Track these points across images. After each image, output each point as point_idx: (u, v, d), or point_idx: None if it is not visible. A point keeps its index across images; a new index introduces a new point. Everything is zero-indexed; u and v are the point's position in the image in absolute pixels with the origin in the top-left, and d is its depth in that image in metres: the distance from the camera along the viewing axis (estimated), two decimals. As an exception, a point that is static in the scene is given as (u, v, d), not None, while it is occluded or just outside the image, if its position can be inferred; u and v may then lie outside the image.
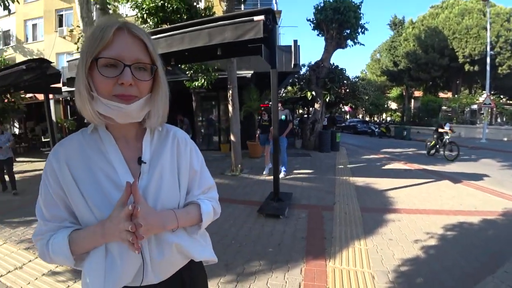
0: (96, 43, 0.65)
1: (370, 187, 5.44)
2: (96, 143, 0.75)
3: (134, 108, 0.69)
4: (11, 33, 20.07)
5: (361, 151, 11.22)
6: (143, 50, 0.70)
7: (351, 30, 10.64)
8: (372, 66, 33.33)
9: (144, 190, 0.75)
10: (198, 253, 0.87)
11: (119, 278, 0.73)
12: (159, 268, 0.77)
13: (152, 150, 0.80)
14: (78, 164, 0.72)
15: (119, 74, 0.66)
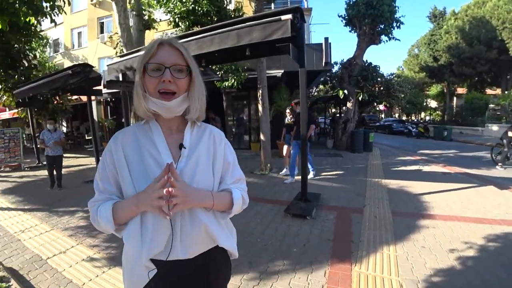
0: (146, 55, 0.89)
1: (404, 190, 5.17)
2: (147, 132, 0.95)
3: (174, 104, 0.88)
4: (60, 41, 22.01)
5: (395, 152, 10.68)
6: (180, 56, 0.90)
7: (385, 25, 10.15)
8: (410, 62, 31.39)
9: (181, 171, 0.90)
10: (223, 239, 0.99)
11: (152, 244, 0.87)
12: (186, 243, 0.90)
13: (191, 140, 0.97)
14: (130, 147, 0.92)
15: (161, 74, 0.87)
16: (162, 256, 0.89)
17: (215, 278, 1.01)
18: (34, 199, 5.55)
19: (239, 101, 12.13)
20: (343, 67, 11.33)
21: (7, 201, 5.53)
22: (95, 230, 3.79)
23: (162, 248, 0.88)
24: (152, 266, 0.90)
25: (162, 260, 0.89)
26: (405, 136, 19.08)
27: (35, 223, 4.23)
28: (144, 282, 0.91)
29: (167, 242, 0.88)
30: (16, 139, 9.38)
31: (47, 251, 3.26)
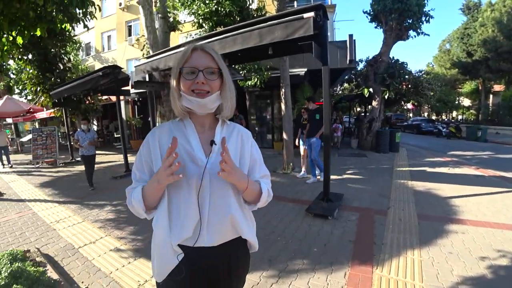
0: (181, 60, 0.98)
1: (431, 193, 4.94)
2: (181, 128, 1.05)
3: (207, 101, 0.97)
4: (91, 45, 23.22)
5: (424, 153, 10.21)
6: (211, 60, 0.99)
7: (413, 19, 9.67)
8: (441, 58, 29.74)
9: (212, 165, 0.98)
10: (246, 231, 1.08)
11: (182, 230, 0.97)
12: (212, 231, 0.99)
13: (222, 137, 1.02)
14: (166, 141, 1.00)
15: (195, 77, 0.96)
16: (189, 242, 0.97)
17: (236, 267, 1.08)
18: (67, 193, 5.93)
19: (262, 100, 12.15)
20: (368, 65, 11.00)
21: (44, 194, 5.96)
22: (123, 222, 4.02)
23: (191, 233, 0.97)
24: (180, 251, 0.98)
25: (189, 246, 0.97)
26: (434, 136, 18.18)
27: (69, 214, 4.53)
28: (173, 265, 0.98)
29: (195, 228, 0.97)
30: (53, 136, 10.04)
31: (79, 240, 3.49)
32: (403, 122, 24.39)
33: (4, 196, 6.00)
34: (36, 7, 1.81)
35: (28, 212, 4.76)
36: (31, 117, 14.93)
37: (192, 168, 0.97)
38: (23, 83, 11.50)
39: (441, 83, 19.78)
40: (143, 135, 14.04)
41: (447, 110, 31.21)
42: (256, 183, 1.07)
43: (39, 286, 2.27)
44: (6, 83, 17.50)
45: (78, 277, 2.66)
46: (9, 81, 17.25)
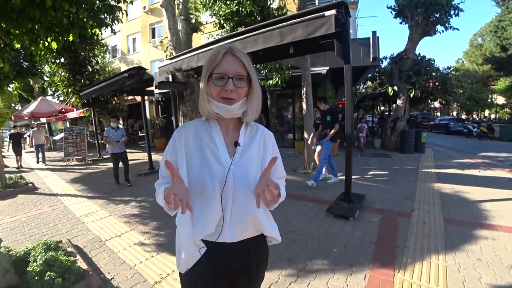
0: (211, 64, 0.99)
1: (459, 196, 4.71)
2: (207, 129, 1.08)
3: (234, 107, 1.00)
4: (117, 47, 24.18)
5: (452, 154, 9.73)
6: (241, 66, 1.00)
7: (441, 13, 9.19)
8: (472, 54, 28.17)
9: (235, 165, 1.03)
10: (268, 228, 1.12)
11: (205, 226, 1.01)
12: (234, 229, 1.03)
13: (245, 138, 1.10)
14: (192, 139, 1.06)
15: (225, 83, 0.97)
16: (212, 237, 1.02)
17: (256, 262, 1.12)
18: (95, 188, 6.24)
19: (283, 99, 12.11)
20: (392, 62, 10.63)
21: (74, 189, 6.31)
22: (147, 218, 4.18)
23: (213, 230, 1.01)
24: (202, 245, 1.03)
25: (211, 241, 1.02)
26: (464, 136, 17.22)
27: (96, 209, 4.77)
28: (195, 259, 1.03)
29: (218, 225, 1.01)
30: (82, 135, 10.60)
31: (106, 234, 3.68)
32: (429, 121, 23.32)
33: (39, 190, 6.43)
34: (69, 14, 1.95)
35: (60, 206, 5.07)
36: (62, 116, 15.83)
37: (216, 168, 1.01)
38: (55, 85, 12.21)
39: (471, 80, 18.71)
40: (166, 134, 14.47)
41: (479, 108, 29.46)
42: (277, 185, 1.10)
43: (70, 274, 2.42)
44: (41, 85, 18.66)
45: (105, 268, 2.81)
46: (43, 83, 18.38)
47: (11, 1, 1.61)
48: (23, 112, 13.71)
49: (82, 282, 2.41)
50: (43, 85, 18.71)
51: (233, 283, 1.10)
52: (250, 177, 1.03)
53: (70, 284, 2.35)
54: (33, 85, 19.10)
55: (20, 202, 5.46)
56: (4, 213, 4.82)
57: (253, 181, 1.01)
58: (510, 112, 25.43)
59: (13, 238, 3.70)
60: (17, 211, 4.91)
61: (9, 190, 6.22)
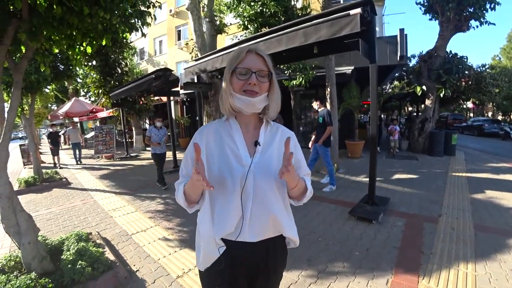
0: (235, 61, 1.02)
1: (493, 202, 4.43)
2: (227, 128, 1.10)
3: (257, 100, 1.01)
4: (145, 49, 25.14)
5: (485, 157, 9.15)
6: (263, 63, 1.03)
7: (475, 7, 8.63)
8: (510, 50, 26.37)
9: (255, 165, 1.03)
10: (287, 229, 1.11)
11: (225, 225, 1.02)
12: (254, 228, 1.03)
13: (266, 137, 1.10)
14: (213, 139, 1.07)
15: (248, 78, 1.01)
16: (232, 236, 1.03)
17: (274, 262, 1.12)
18: (123, 185, 6.54)
19: (307, 100, 11.96)
20: (421, 60, 10.17)
21: (103, 185, 6.66)
22: (171, 214, 4.33)
23: (232, 229, 1.02)
24: (222, 244, 1.04)
25: (231, 240, 1.03)
26: (500, 139, 16.14)
27: (123, 204, 5.00)
28: (215, 257, 1.05)
29: (237, 224, 1.02)
30: (111, 134, 11.13)
31: (132, 228, 3.85)
32: (461, 122, 22.07)
33: (71, 185, 6.85)
34: (104, 20, 2.09)
35: (90, 200, 5.38)
36: (93, 116, 16.72)
37: (236, 167, 1.02)
38: (88, 86, 12.94)
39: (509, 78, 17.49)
40: (190, 134, 14.83)
41: (517, 109, 27.44)
42: (302, 180, 1.09)
43: (99, 264, 2.57)
44: (74, 87, 19.87)
45: (131, 260, 2.96)
46: (77, 85, 19.56)
47: (53, 10, 1.76)
48: (58, 112, 14.64)
49: (110, 272, 2.55)
50: (76, 86, 19.90)
51: (251, 283, 1.11)
52: (270, 177, 1.02)
53: (99, 274, 2.49)
54: (67, 86, 20.36)
55: (55, 196, 5.85)
56: (41, 205, 5.19)
57: (273, 181, 1.03)
58: (553, 113, 23.46)
59: (48, 229, 3.99)
60: (52, 203, 5.27)
61: (45, 184, 6.68)
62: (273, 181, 1.03)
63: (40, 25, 2.00)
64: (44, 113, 16.52)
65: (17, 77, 2.26)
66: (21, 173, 9.20)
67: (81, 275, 2.38)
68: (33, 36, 2.03)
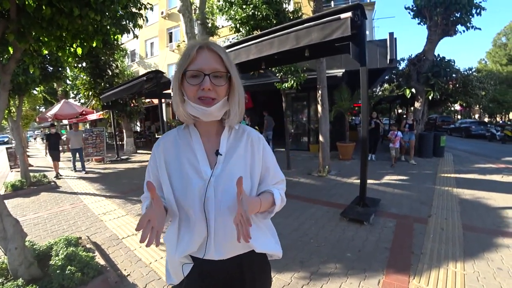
0: (185, 60, 0.87)
1: (480, 203, 4.54)
2: (186, 137, 0.98)
3: (214, 109, 0.88)
4: (136, 51, 24.94)
5: (473, 158, 9.37)
6: (219, 61, 0.88)
7: (461, 12, 8.90)
8: (495, 54, 27.10)
9: (217, 177, 0.92)
10: (259, 244, 0.99)
11: (188, 245, 0.93)
12: (220, 246, 0.93)
13: (228, 145, 0.97)
14: (171, 152, 0.96)
15: (201, 82, 0.86)
16: (198, 254, 0.94)
17: (252, 280, 1.01)
18: (114, 188, 6.45)
19: (299, 102, 12.06)
20: (410, 64, 10.39)
21: (93, 188, 6.55)
22: (162, 218, 4.28)
23: (195, 249, 0.93)
24: (186, 261, 0.97)
25: (199, 258, 0.95)
26: (486, 140, 16.56)
27: (114, 208, 4.93)
28: (179, 276, 0.98)
29: (202, 244, 0.92)
30: (101, 136, 10.97)
31: (123, 232, 3.80)
32: (449, 124, 22.57)
33: (60, 188, 6.71)
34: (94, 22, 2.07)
35: (80, 204, 5.28)
36: (83, 118, 16.41)
37: (196, 182, 0.90)
38: (77, 88, 12.74)
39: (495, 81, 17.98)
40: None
41: (503, 111, 28.24)
42: (269, 196, 0.97)
43: (89, 269, 2.52)
44: (63, 88, 19.52)
45: (122, 264, 2.91)
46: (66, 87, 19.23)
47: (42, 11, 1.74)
48: (47, 114, 14.33)
49: (100, 277, 2.51)
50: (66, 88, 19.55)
51: None
52: (234, 190, 0.86)
53: (89, 279, 2.45)
54: (56, 88, 19.99)
55: (43, 200, 5.72)
56: (28, 209, 5.07)
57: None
58: (537, 115, 24.22)
59: (36, 234, 3.89)
60: (40, 208, 5.16)
61: (33, 188, 6.53)
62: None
63: (28, 26, 1.97)
64: (32, 115, 16.15)
65: (5, 78, 2.21)
66: (8, 176, 8.98)
67: (70, 280, 2.33)
68: (22, 37, 1.99)
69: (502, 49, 25.75)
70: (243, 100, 0.97)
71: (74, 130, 9.15)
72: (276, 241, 1.09)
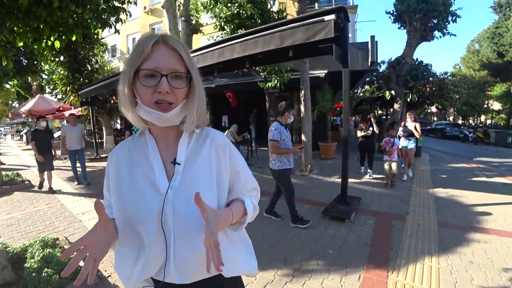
0: (137, 57, 0.73)
1: (454, 200, 4.78)
2: (141, 146, 0.86)
3: (171, 115, 0.76)
4: (117, 47, 24.25)
5: (447, 158, 9.83)
6: (179, 60, 0.76)
7: (438, 19, 9.38)
8: (469, 59, 28.43)
9: (175, 190, 0.79)
10: (228, 269, 0.78)
11: (144, 268, 0.81)
12: (182, 269, 0.80)
13: (188, 152, 0.84)
14: (124, 163, 0.84)
15: (157, 83, 0.73)
16: (159, 276, 0.81)
17: None
18: (92, 187, 6.24)
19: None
20: (390, 66, 10.77)
21: (71, 187, 6.31)
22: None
23: (153, 273, 0.81)
24: (144, 284, 0.85)
25: (159, 280, 0.82)
26: (460, 141, 17.43)
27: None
28: None
29: (161, 266, 0.80)
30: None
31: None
32: (426, 126, 23.54)
33: (35, 188, 6.41)
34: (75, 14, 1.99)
35: (57, 204, 5.07)
36: (60, 115, 15.76)
37: (151, 197, 0.79)
38: (54, 83, 12.19)
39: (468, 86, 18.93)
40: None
41: (475, 114, 29.79)
42: (239, 203, 0.86)
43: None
44: (39, 83, 18.62)
45: (102, 265, 2.83)
46: (41, 81, 18.35)
47: (18, 1, 1.65)
48: (20, 110, 13.64)
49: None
50: (41, 83, 18.68)
51: None
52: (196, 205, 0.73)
53: (67, 281, 2.36)
54: (31, 82, 19.05)
55: (17, 200, 5.45)
56: (0, 210, 4.82)
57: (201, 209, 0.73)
58: (505, 118, 25.68)
59: (9, 235, 3.71)
60: (13, 208, 4.91)
61: (5, 187, 6.20)
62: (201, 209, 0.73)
63: (3, 16, 1.87)
64: (5, 111, 15.36)
65: (-25, 71, 2.09)
66: (-23, 175, 8.46)
67: (47, 283, 2.24)
68: (-6, 27, 1.89)
69: (475, 55, 27.05)
70: (204, 105, 0.85)
71: (71, 125, 6.76)
72: (250, 257, 0.97)
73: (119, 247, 0.85)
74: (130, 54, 0.77)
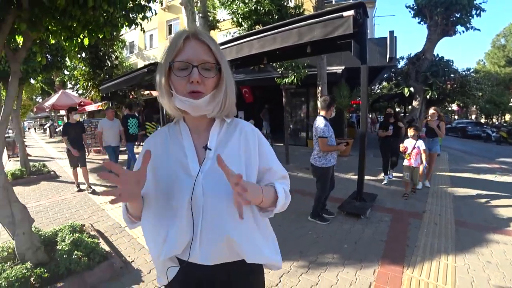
0: (171, 52, 0.82)
1: (473, 200, 4.67)
2: (176, 133, 0.93)
3: (201, 102, 0.81)
4: (135, 43, 24.74)
5: (468, 158, 9.53)
6: (208, 52, 0.83)
7: (461, 13, 9.02)
8: (494, 55, 27.24)
9: (206, 174, 0.84)
10: (251, 253, 0.87)
11: (172, 245, 0.85)
12: (206, 249, 0.84)
13: (219, 139, 0.90)
14: (159, 150, 0.90)
15: (189, 74, 0.80)
16: (183, 256, 0.86)
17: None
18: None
19: (298, 98, 12.11)
20: (410, 63, 10.51)
21: (93, 178, 6.58)
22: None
23: (180, 251, 0.86)
24: (170, 264, 0.90)
25: (184, 260, 0.87)
26: (482, 141, 16.79)
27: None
28: (165, 278, 0.92)
29: (187, 245, 0.85)
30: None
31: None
32: (447, 124, 22.79)
33: (60, 178, 6.75)
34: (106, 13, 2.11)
35: (81, 193, 5.34)
36: (81, 109, 16.36)
37: (183, 179, 0.84)
38: (76, 79, 12.64)
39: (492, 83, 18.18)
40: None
41: (499, 112, 28.52)
42: (270, 187, 0.89)
43: (94, 255, 2.60)
44: (61, 79, 19.36)
45: (125, 251, 2.99)
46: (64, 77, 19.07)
47: (56, 1, 1.78)
48: (44, 104, 14.27)
49: (105, 263, 2.59)
50: (64, 78, 19.40)
51: None
52: (225, 188, 0.78)
53: (95, 264, 2.53)
54: (54, 78, 19.81)
55: (44, 189, 5.77)
56: (29, 197, 5.12)
57: (229, 192, 0.75)
58: (532, 117, 24.51)
59: (39, 221, 3.95)
60: (41, 196, 5.21)
61: (32, 177, 6.56)
62: (229, 192, 0.75)
63: (41, 15, 2.01)
64: (30, 105, 16.08)
65: (15, 67, 2.26)
66: (6, 165, 8.97)
67: (77, 265, 2.41)
68: (34, 26, 2.03)
69: (501, 51, 25.91)
70: (233, 93, 0.90)
71: (108, 119, 6.34)
72: (275, 250, 0.99)
73: (151, 221, 0.89)
74: (165, 50, 0.84)
